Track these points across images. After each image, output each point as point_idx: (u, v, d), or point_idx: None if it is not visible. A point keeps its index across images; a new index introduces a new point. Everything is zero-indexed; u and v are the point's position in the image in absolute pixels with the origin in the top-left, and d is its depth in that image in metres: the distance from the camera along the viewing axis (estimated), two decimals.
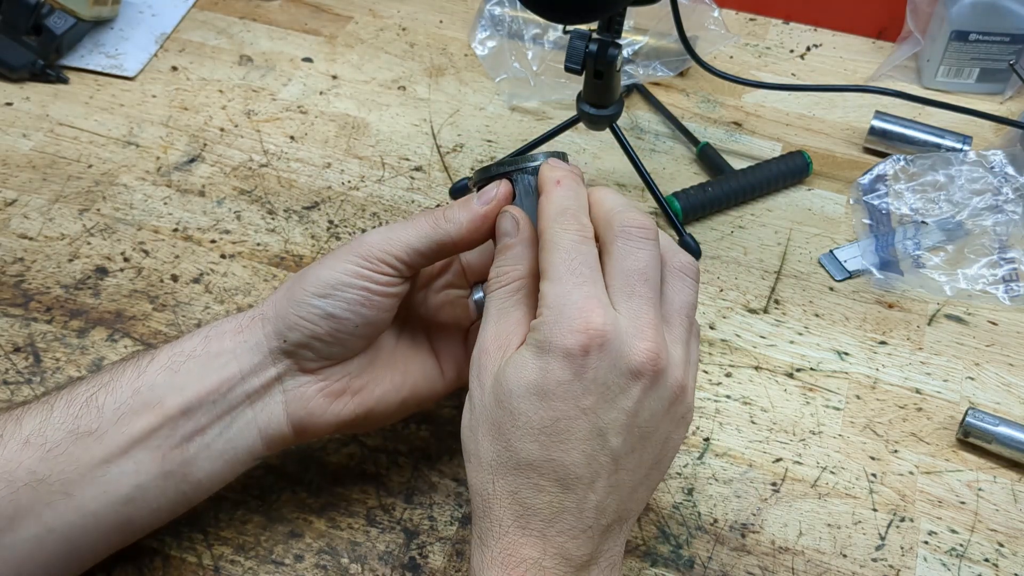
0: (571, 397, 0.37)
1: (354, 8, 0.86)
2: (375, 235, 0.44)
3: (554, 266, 0.38)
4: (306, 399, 0.44)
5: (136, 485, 0.42)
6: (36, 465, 0.40)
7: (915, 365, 0.58)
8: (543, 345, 0.37)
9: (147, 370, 0.43)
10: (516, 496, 0.38)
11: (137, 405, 0.42)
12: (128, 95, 0.76)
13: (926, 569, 0.49)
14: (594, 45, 0.57)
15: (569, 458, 0.37)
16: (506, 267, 0.42)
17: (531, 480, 0.37)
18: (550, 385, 0.37)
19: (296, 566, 0.47)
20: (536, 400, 0.37)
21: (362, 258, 0.43)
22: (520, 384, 0.37)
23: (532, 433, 0.37)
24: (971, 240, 0.64)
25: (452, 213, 0.43)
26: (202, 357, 0.43)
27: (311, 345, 0.44)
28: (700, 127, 0.75)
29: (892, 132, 0.71)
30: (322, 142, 0.73)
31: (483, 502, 0.39)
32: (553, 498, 0.37)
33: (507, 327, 0.40)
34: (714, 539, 0.49)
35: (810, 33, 0.85)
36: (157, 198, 0.68)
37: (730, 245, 0.66)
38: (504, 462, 0.38)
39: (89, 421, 0.41)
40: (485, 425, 0.39)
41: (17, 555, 0.40)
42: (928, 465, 0.53)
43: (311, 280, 0.43)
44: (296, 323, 0.43)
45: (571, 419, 0.37)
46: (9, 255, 0.63)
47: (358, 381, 0.45)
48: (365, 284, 0.43)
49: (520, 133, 0.74)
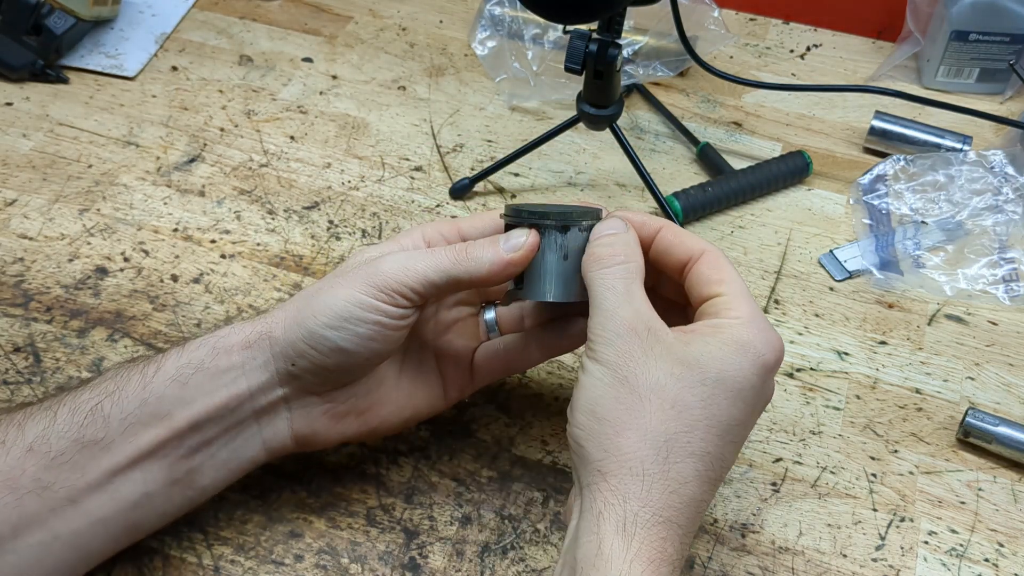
0: (755, 404, 0.40)
1: (354, 8, 0.86)
2: (391, 263, 0.42)
3: (735, 280, 0.41)
4: (311, 419, 0.45)
5: (144, 493, 0.42)
6: (41, 473, 0.40)
7: (915, 365, 0.58)
8: (746, 347, 0.39)
9: (154, 380, 0.42)
10: (687, 485, 0.38)
11: (144, 416, 0.42)
12: (128, 95, 0.76)
13: (926, 569, 0.49)
14: (594, 45, 0.57)
15: (732, 457, 0.40)
16: (623, 247, 0.42)
17: (706, 470, 0.38)
18: (747, 388, 0.39)
19: (296, 566, 0.47)
20: (732, 396, 0.38)
21: (377, 288, 0.42)
22: (719, 375, 0.38)
23: (720, 426, 0.38)
24: (971, 240, 0.64)
25: (477, 252, 0.42)
26: (210, 370, 0.43)
27: (319, 373, 0.43)
28: (700, 127, 0.75)
29: (892, 132, 0.71)
30: (322, 142, 0.73)
31: (640, 482, 0.37)
32: (706, 494, 0.39)
33: (644, 307, 0.40)
34: (714, 539, 0.49)
35: (810, 33, 0.85)
36: (157, 198, 0.68)
37: (730, 245, 0.66)
38: (681, 446, 0.38)
39: (95, 431, 0.41)
40: (656, 400, 0.38)
41: (23, 561, 0.40)
42: (928, 465, 0.53)
43: (322, 308, 0.42)
44: (305, 351, 0.42)
45: (744, 425, 0.40)
46: (9, 255, 0.63)
47: (363, 403, 0.46)
48: (378, 318, 0.42)
49: (520, 133, 0.74)
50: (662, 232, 0.44)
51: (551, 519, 0.50)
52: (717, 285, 0.41)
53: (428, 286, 0.42)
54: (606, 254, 0.41)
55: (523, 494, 0.51)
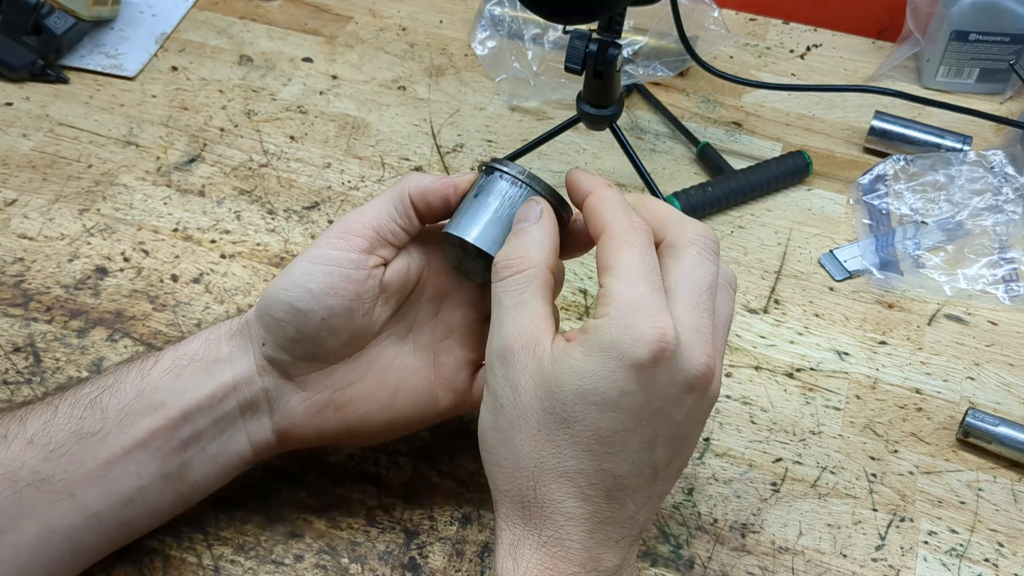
0: (632, 410, 0.36)
1: (354, 8, 0.86)
2: (347, 214, 0.44)
3: (626, 265, 0.37)
4: (289, 409, 0.44)
5: (137, 487, 0.42)
6: (39, 465, 0.40)
7: (915, 365, 0.58)
8: (607, 351, 0.35)
9: (151, 372, 0.43)
10: (560, 505, 0.37)
11: (140, 407, 0.42)
12: (128, 95, 0.76)
13: (926, 569, 0.49)
14: (594, 45, 0.57)
15: (620, 469, 0.36)
16: (519, 252, 0.40)
17: (579, 489, 0.36)
18: (613, 395, 0.35)
19: (296, 566, 0.47)
20: (595, 409, 0.36)
21: (332, 236, 0.42)
22: (577, 391, 0.36)
23: (587, 442, 0.36)
24: (971, 240, 0.64)
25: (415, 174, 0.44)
26: (203, 361, 0.43)
27: (284, 346, 0.43)
28: (700, 127, 0.75)
29: (892, 132, 0.71)
30: (322, 142, 0.73)
31: (521, 508, 0.37)
32: (597, 508, 0.37)
33: (529, 322, 0.38)
34: (714, 539, 0.49)
35: (810, 33, 0.85)
36: (157, 198, 0.68)
37: (730, 245, 0.66)
38: (550, 469, 0.36)
39: (93, 422, 0.41)
40: (524, 429, 0.37)
41: (20, 555, 0.40)
42: (928, 465, 0.53)
43: (282, 276, 0.42)
44: (269, 323, 0.43)
45: (629, 430, 0.36)
46: (9, 255, 0.63)
47: (342, 396, 0.44)
48: (330, 269, 0.42)
49: (520, 133, 0.74)
50: (585, 203, 0.40)
51: None
52: (604, 273, 0.37)
53: (383, 216, 0.43)
54: (502, 263, 0.40)
55: None
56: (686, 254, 0.38)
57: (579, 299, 0.61)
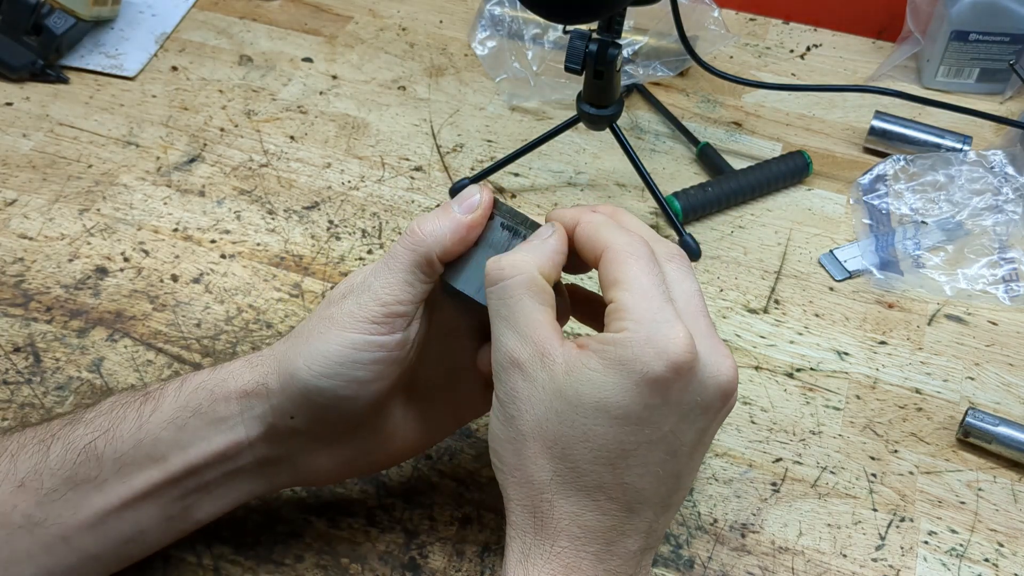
0: (655, 422, 0.35)
1: (354, 8, 0.86)
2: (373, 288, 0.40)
3: (637, 278, 0.36)
4: (317, 464, 0.43)
5: (138, 531, 0.41)
6: (32, 510, 0.39)
7: (915, 365, 0.58)
8: (629, 365, 0.34)
9: (150, 421, 0.41)
10: (578, 519, 0.36)
11: (139, 458, 0.40)
12: (128, 95, 0.76)
13: (926, 569, 0.49)
14: (594, 45, 0.57)
15: (641, 482, 0.36)
16: (512, 261, 0.38)
17: (598, 503, 0.36)
18: (636, 409, 0.35)
19: (296, 566, 0.47)
20: (617, 424, 0.35)
21: (367, 321, 0.39)
22: (598, 405, 0.35)
23: (607, 456, 0.35)
24: (971, 240, 0.64)
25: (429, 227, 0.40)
26: (207, 415, 0.41)
27: (321, 422, 0.41)
28: (700, 127, 0.75)
29: (892, 132, 0.71)
30: (322, 142, 0.73)
31: (533, 519, 0.37)
32: (617, 521, 0.36)
33: (531, 330, 0.37)
34: (714, 539, 0.49)
35: (810, 33, 0.85)
36: (157, 198, 0.68)
37: (730, 245, 0.66)
38: (568, 482, 0.36)
39: (88, 470, 0.40)
40: (538, 441, 0.36)
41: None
42: (928, 465, 0.53)
43: (315, 356, 0.40)
44: (302, 404, 0.40)
45: (652, 444, 0.35)
46: (9, 255, 0.63)
47: (370, 444, 0.44)
48: (375, 355, 0.40)
49: (520, 133, 0.74)
50: (577, 228, 0.40)
51: None
52: (613, 288, 0.37)
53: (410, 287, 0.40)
54: (492, 273, 0.38)
55: None
56: (669, 267, 0.38)
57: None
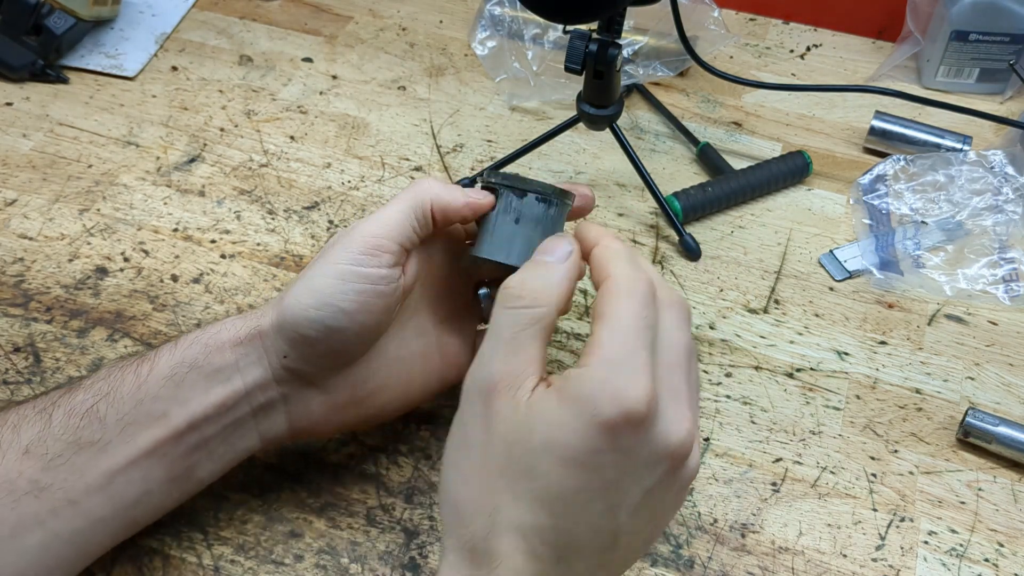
0: (599, 469, 0.34)
1: (354, 8, 0.86)
2: (366, 224, 0.42)
3: (621, 316, 0.35)
4: (310, 412, 0.44)
5: (144, 491, 0.42)
6: (38, 475, 0.40)
7: (915, 365, 0.58)
8: (582, 404, 0.33)
9: (148, 380, 0.42)
10: (507, 560, 0.34)
11: (141, 417, 0.41)
12: (128, 95, 0.76)
13: (926, 569, 0.49)
14: (594, 45, 0.57)
15: (576, 530, 0.34)
16: (535, 287, 0.37)
17: (529, 546, 0.34)
18: (581, 452, 0.33)
19: (296, 566, 0.47)
20: (561, 464, 0.34)
21: (357, 252, 0.41)
22: (546, 442, 0.34)
23: (547, 498, 0.34)
24: (971, 240, 0.64)
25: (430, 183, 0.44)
26: (204, 369, 0.42)
27: (312, 361, 0.43)
28: (700, 127, 0.75)
29: (892, 132, 0.71)
30: (322, 142, 0.73)
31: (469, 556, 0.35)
32: (543, 569, 0.34)
33: (521, 362, 0.36)
34: (714, 539, 0.49)
35: (810, 33, 0.85)
36: (157, 198, 0.68)
37: (730, 245, 0.66)
38: (505, 520, 0.35)
39: (91, 432, 0.41)
40: (487, 473, 0.35)
41: (23, 561, 0.40)
42: (928, 465, 0.53)
43: (305, 291, 0.42)
44: (295, 339, 0.42)
45: (593, 491, 0.34)
46: (9, 255, 0.63)
47: (361, 391, 0.45)
48: (362, 287, 0.41)
49: (520, 133, 0.74)
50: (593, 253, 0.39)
51: None
52: (597, 320, 0.35)
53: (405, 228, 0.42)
54: (513, 291, 0.37)
55: None
56: (665, 314, 0.37)
57: (579, 299, 0.61)
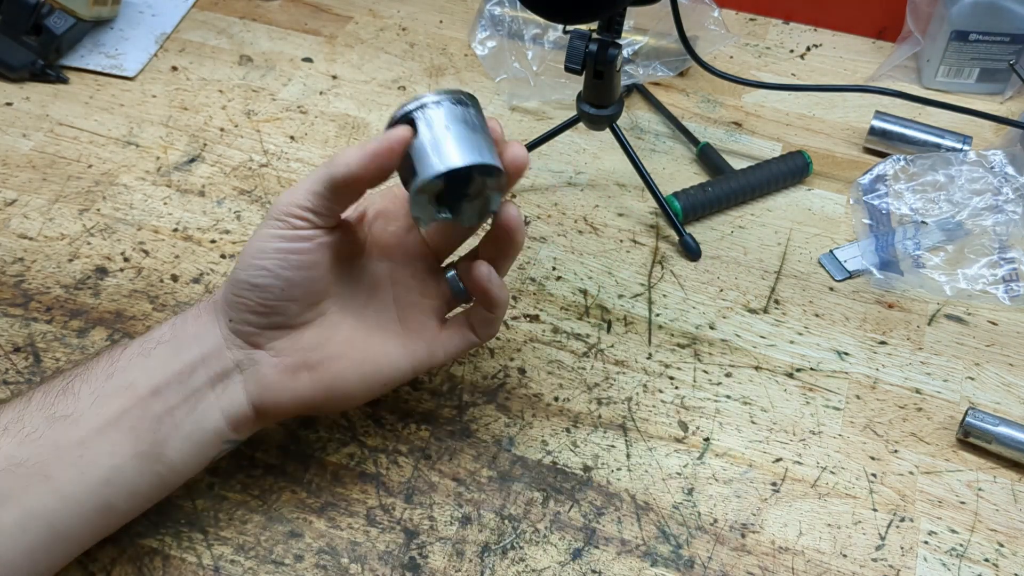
0: None
1: (354, 8, 0.86)
2: (283, 194, 0.45)
3: None
4: (262, 376, 0.45)
5: (112, 466, 0.43)
6: (14, 450, 0.41)
7: (915, 365, 0.58)
8: None
9: (120, 358, 0.45)
10: None
11: (111, 389, 0.43)
12: (128, 95, 0.76)
13: (926, 569, 0.49)
14: (594, 45, 0.57)
15: None
16: None
17: None
18: None
19: (296, 566, 0.47)
20: None
21: (273, 218, 0.44)
22: None
23: None
24: (971, 240, 0.64)
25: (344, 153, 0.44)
26: (170, 343, 0.45)
27: (250, 320, 0.45)
28: (700, 127, 0.75)
29: (892, 132, 0.71)
30: (322, 142, 0.73)
31: None
32: None
33: None
34: (714, 539, 0.49)
35: (810, 33, 0.85)
36: (157, 198, 0.68)
37: (730, 245, 0.66)
38: None
39: (65, 406, 0.43)
40: None
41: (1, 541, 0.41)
42: (928, 465, 0.53)
43: (242, 257, 0.45)
44: (232, 301, 0.45)
45: None
46: (9, 255, 0.63)
47: (314, 356, 0.46)
48: (278, 245, 0.44)
49: (520, 133, 0.74)
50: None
51: (551, 519, 0.50)
52: None
53: (315, 198, 0.44)
54: None
55: (523, 494, 0.51)
56: None
57: (579, 299, 0.61)
